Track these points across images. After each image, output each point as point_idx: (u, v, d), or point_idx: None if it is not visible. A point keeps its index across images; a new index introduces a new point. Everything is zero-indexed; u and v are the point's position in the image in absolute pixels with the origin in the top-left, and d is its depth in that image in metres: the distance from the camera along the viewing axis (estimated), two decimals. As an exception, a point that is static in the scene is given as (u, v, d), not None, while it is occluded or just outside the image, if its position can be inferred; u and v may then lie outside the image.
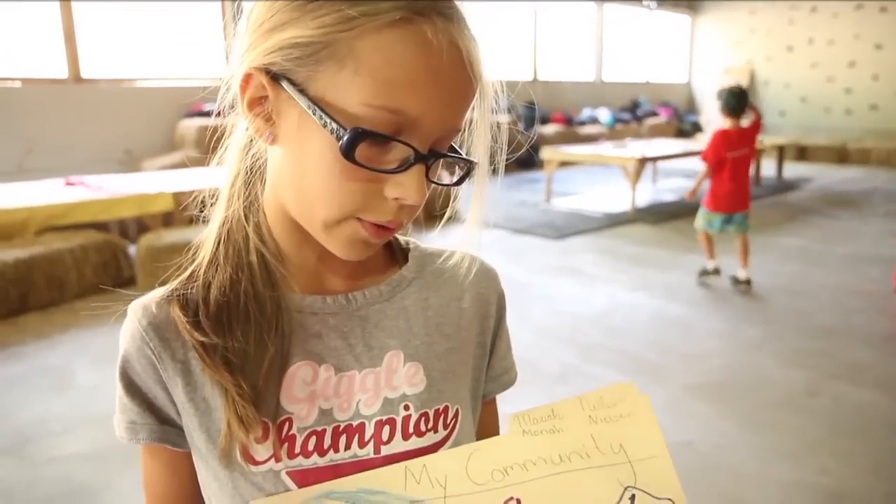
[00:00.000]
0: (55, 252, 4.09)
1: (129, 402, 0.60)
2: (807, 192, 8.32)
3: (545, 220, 6.43)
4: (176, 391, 0.59)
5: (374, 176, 0.52)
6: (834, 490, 2.27)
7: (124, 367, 0.60)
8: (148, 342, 0.59)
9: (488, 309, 0.70)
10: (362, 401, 0.61)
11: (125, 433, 0.61)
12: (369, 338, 0.62)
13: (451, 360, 0.66)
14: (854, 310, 4.01)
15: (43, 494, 2.29)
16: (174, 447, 0.61)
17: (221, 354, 0.57)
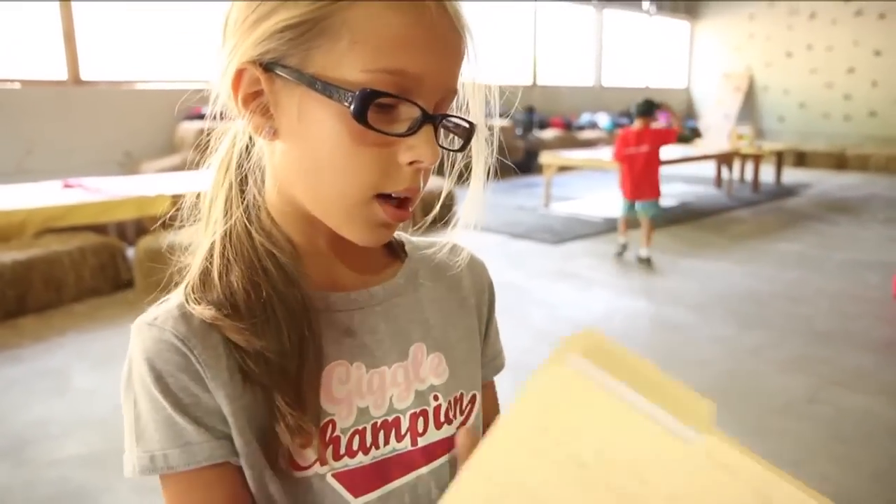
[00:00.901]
0: (53, 254, 4.07)
1: (182, 421, 0.53)
2: (805, 197, 8.33)
3: (544, 225, 6.43)
4: (223, 400, 0.55)
5: (386, 141, 0.52)
6: (834, 497, 2.23)
7: (163, 384, 0.53)
8: (191, 349, 0.54)
9: (482, 296, 0.73)
10: (395, 395, 0.61)
11: (179, 459, 0.53)
12: (394, 332, 0.63)
13: (464, 347, 0.68)
14: (853, 316, 4.01)
15: (41, 497, 2.27)
16: (235, 461, 0.56)
17: (262, 361, 0.54)
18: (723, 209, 7.42)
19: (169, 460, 0.54)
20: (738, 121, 12.81)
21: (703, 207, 7.50)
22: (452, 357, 0.66)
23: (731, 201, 7.86)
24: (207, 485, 0.55)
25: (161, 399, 0.53)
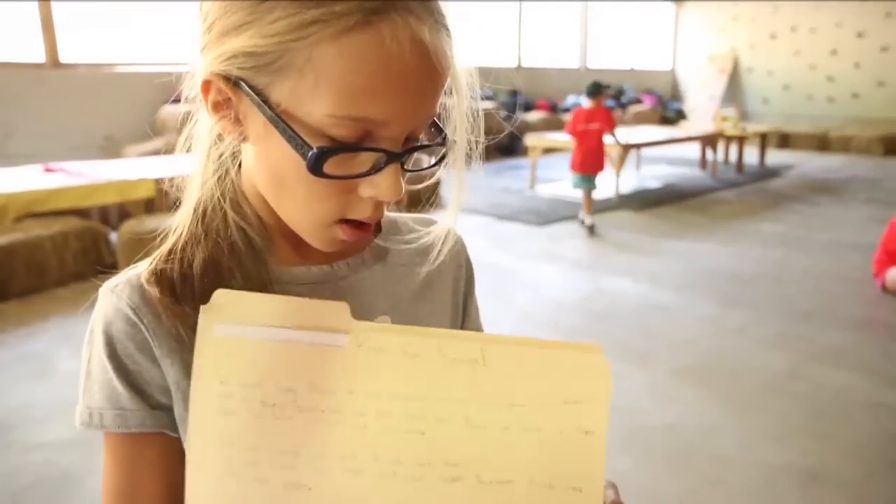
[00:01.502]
0: (35, 239, 4.03)
1: (120, 386, 0.56)
2: (789, 179, 8.40)
3: (529, 207, 6.44)
4: (170, 370, 0.57)
5: (348, 181, 0.52)
6: (815, 471, 2.30)
7: (112, 349, 0.56)
8: (141, 318, 0.56)
9: (459, 272, 0.72)
10: None
11: (112, 421, 0.56)
12: (359, 304, 0.61)
13: (433, 323, 0.67)
14: (835, 295, 4.07)
15: (26, 481, 2.26)
16: (168, 431, 0.58)
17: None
18: (707, 190, 7.46)
19: (104, 420, 0.57)
20: (723, 103, 12.86)
21: (687, 189, 7.54)
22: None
23: (715, 182, 7.91)
24: (137, 449, 0.58)
25: (107, 362, 0.56)
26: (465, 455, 0.53)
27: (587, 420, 0.55)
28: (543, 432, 0.54)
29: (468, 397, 0.53)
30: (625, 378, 2.98)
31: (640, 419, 2.62)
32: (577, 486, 0.55)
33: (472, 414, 0.53)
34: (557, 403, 0.54)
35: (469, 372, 0.53)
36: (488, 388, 0.54)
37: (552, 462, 0.54)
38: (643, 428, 2.55)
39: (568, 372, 0.55)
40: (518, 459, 0.54)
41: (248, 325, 0.52)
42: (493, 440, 0.53)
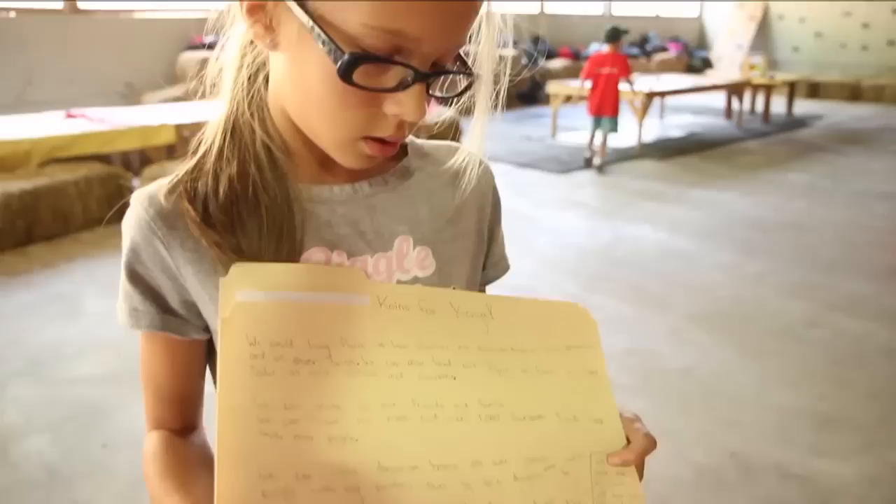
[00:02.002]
0: (59, 184, 4.08)
1: (132, 290, 0.61)
2: (817, 129, 8.20)
3: (551, 155, 6.38)
4: (189, 280, 0.59)
5: (374, 94, 0.52)
6: (829, 415, 2.32)
7: (130, 258, 0.60)
8: (156, 231, 0.58)
9: (485, 198, 0.72)
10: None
11: (127, 319, 0.62)
12: (378, 224, 0.63)
13: (456, 246, 0.68)
14: (858, 244, 4.02)
15: (61, 414, 2.35)
16: (175, 335, 0.62)
17: (233, 245, 0.57)
18: (731, 140, 7.32)
19: (122, 316, 0.63)
20: (751, 51, 12.48)
21: (711, 138, 7.41)
22: (442, 252, 0.66)
23: (740, 132, 7.75)
24: (153, 348, 0.64)
25: (125, 267, 0.61)
26: (496, 395, 0.56)
27: (589, 362, 0.61)
28: (556, 374, 0.60)
29: (485, 345, 0.57)
30: (643, 323, 3.00)
31: (657, 363, 2.64)
32: (598, 418, 0.60)
33: (493, 359, 0.57)
34: (561, 349, 0.60)
35: (481, 324, 0.58)
36: (500, 338, 0.58)
37: (570, 399, 0.59)
38: (660, 371, 2.58)
39: (562, 322, 0.62)
40: (542, 397, 0.58)
41: (269, 291, 0.52)
42: (516, 381, 0.57)
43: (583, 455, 0.58)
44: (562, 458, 0.57)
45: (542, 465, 0.56)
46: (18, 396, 2.47)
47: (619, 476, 0.59)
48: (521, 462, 0.55)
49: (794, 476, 2.02)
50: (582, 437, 0.59)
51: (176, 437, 0.65)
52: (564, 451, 0.58)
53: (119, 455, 2.15)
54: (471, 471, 0.53)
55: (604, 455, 0.59)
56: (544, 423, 0.57)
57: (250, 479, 0.47)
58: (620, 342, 2.78)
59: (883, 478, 2.01)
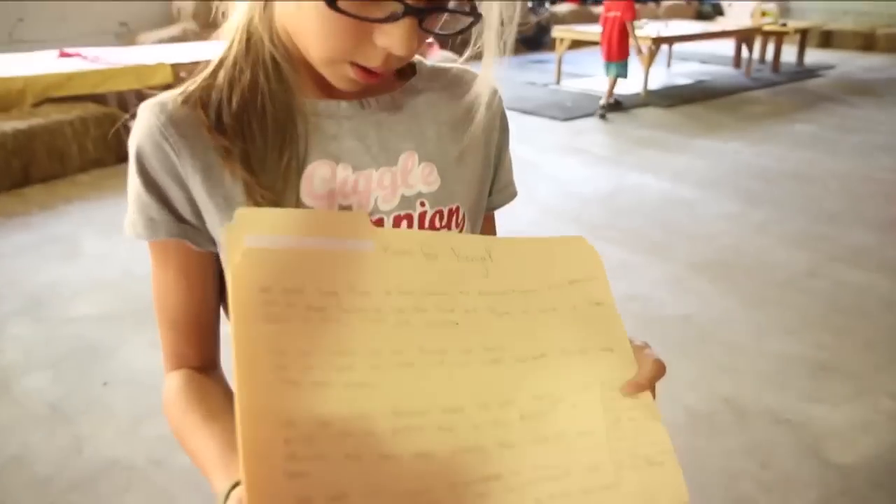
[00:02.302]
0: (55, 124, 4.03)
1: (148, 199, 0.59)
2: (827, 79, 8.05)
3: (554, 101, 6.28)
4: (196, 189, 0.59)
5: (363, 24, 0.52)
6: (827, 363, 2.33)
7: (141, 165, 0.59)
8: (167, 138, 0.58)
9: (493, 122, 0.71)
10: (380, 197, 0.62)
11: (143, 231, 0.60)
12: (384, 140, 0.63)
13: (462, 165, 0.67)
14: (862, 196, 3.98)
15: (60, 351, 2.37)
16: (192, 244, 0.61)
17: (241, 153, 0.58)
18: (739, 89, 7.19)
19: (137, 229, 0.61)
20: (763, -3, 12.15)
21: (718, 87, 7.28)
22: (447, 170, 0.66)
23: (748, 82, 7.61)
24: (168, 257, 0.63)
25: (137, 177, 0.59)
26: (498, 339, 0.57)
27: (594, 294, 0.62)
28: (559, 310, 0.60)
29: (486, 289, 0.58)
30: (643, 270, 2.99)
31: (657, 309, 2.64)
32: (608, 347, 0.61)
33: (494, 303, 0.58)
34: (563, 285, 0.61)
35: (480, 267, 0.58)
36: (500, 280, 0.59)
37: (576, 333, 0.60)
38: (659, 317, 2.58)
39: (563, 258, 0.63)
40: (545, 336, 0.59)
41: (277, 236, 0.52)
42: (518, 323, 0.58)
43: (592, 385, 0.58)
44: (570, 392, 0.58)
45: (549, 401, 0.57)
46: (18, 335, 2.48)
47: (632, 400, 0.59)
48: (528, 401, 0.56)
49: (786, 421, 2.04)
50: (591, 368, 0.59)
51: (197, 374, 0.65)
52: (572, 385, 0.58)
53: (119, 393, 2.17)
54: (478, 413, 0.54)
55: (615, 382, 0.59)
56: (548, 360, 0.58)
57: (272, 427, 0.47)
58: (621, 289, 2.75)
59: (874, 424, 2.03)
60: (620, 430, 0.58)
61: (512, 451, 0.54)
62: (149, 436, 1.99)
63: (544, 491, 0.54)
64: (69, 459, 1.90)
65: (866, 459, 1.88)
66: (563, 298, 0.60)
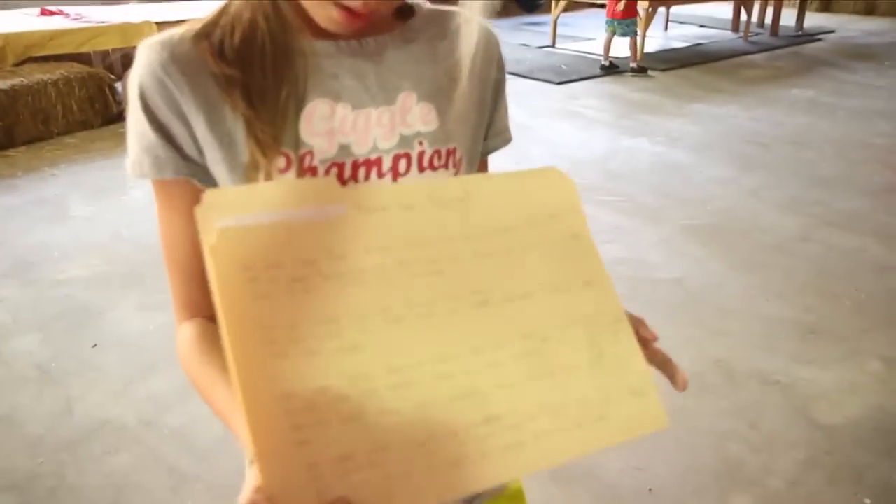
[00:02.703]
0: (38, 83, 3.95)
1: (154, 137, 0.59)
2: (826, 43, 7.96)
3: (549, 64, 6.20)
4: (198, 126, 0.59)
5: None
6: (815, 326, 2.34)
7: (144, 103, 0.59)
8: (169, 75, 0.58)
9: (490, 66, 0.71)
10: (379, 135, 0.63)
11: (150, 170, 0.60)
12: (383, 79, 0.64)
13: (460, 105, 0.68)
14: (857, 161, 3.96)
15: (49, 314, 2.36)
16: (199, 183, 0.61)
17: (242, 89, 0.58)
18: (737, 53, 7.11)
19: (143, 168, 0.60)
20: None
21: (715, 51, 7.19)
22: (445, 111, 0.66)
23: (746, 45, 7.52)
24: (172, 195, 0.62)
25: (142, 115, 0.59)
26: (484, 281, 0.58)
27: (572, 227, 0.63)
28: (541, 246, 0.61)
29: (467, 233, 0.58)
30: (636, 233, 2.98)
31: (648, 271, 2.64)
32: (587, 280, 0.62)
33: (477, 246, 0.59)
34: (543, 219, 0.62)
35: (459, 210, 0.59)
36: (480, 221, 0.59)
37: (558, 268, 0.61)
38: (649, 280, 2.58)
39: (538, 191, 0.63)
40: (530, 273, 0.60)
41: (248, 214, 0.52)
42: (502, 263, 0.59)
43: (576, 321, 0.60)
44: (556, 329, 0.59)
45: (537, 339, 0.58)
46: (6, 297, 2.46)
47: (614, 334, 0.61)
48: (518, 340, 0.57)
49: (776, 383, 2.05)
50: (573, 305, 0.61)
51: (211, 323, 0.64)
52: (558, 322, 0.59)
53: (109, 355, 2.16)
54: (472, 358, 0.55)
55: (597, 316, 0.61)
56: (535, 298, 0.59)
57: (271, 402, 0.48)
58: (612, 251, 2.77)
59: (861, 385, 2.05)
60: (605, 364, 0.59)
61: (509, 391, 0.56)
62: (139, 397, 1.99)
63: (542, 426, 0.55)
64: (60, 420, 1.90)
65: (852, 420, 1.91)
66: (543, 234, 0.62)
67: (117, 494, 1.66)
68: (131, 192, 3.25)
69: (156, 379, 2.05)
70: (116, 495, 1.66)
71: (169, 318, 0.67)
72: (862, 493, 1.67)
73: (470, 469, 0.52)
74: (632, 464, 1.75)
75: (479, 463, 0.53)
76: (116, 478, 1.71)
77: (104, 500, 1.65)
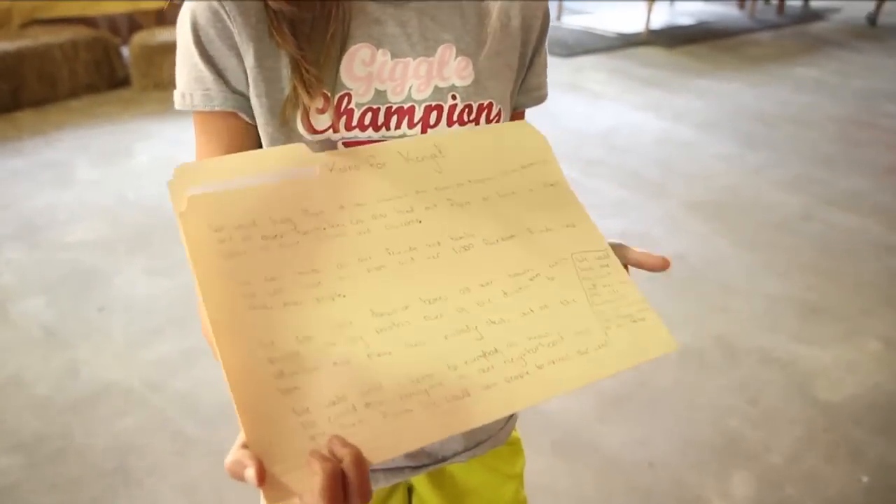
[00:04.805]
0: (44, 46, 3.92)
1: (205, 69, 0.60)
2: (833, 22, 7.88)
3: (555, 38, 6.14)
4: (248, 57, 0.60)
5: None
6: (815, 304, 2.37)
7: (197, 35, 0.60)
8: (223, 6, 0.59)
9: (533, 22, 0.71)
10: (414, 86, 0.64)
11: (201, 101, 0.61)
12: (425, 29, 0.64)
13: (499, 62, 0.68)
14: (860, 142, 3.96)
15: (56, 277, 2.37)
16: (246, 117, 0.63)
17: (290, 24, 0.59)
18: (742, 31, 7.04)
19: (193, 99, 0.62)
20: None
21: (721, 28, 7.12)
22: (482, 65, 0.66)
23: (752, 23, 7.44)
24: (218, 126, 0.63)
25: (193, 47, 0.60)
26: (464, 227, 0.58)
27: (547, 176, 0.65)
28: (517, 194, 0.62)
29: (442, 184, 0.59)
30: (639, 208, 2.99)
31: (650, 247, 2.59)
32: (570, 223, 0.63)
33: (452, 195, 0.59)
34: (516, 169, 0.63)
35: (433, 165, 0.60)
36: (454, 173, 0.60)
37: (537, 213, 0.62)
38: (652, 257, 2.59)
39: (510, 145, 0.65)
40: (509, 218, 0.61)
41: (220, 182, 0.52)
42: (480, 210, 0.60)
43: (564, 258, 0.61)
44: (544, 266, 0.60)
45: (526, 276, 0.59)
46: (12, 259, 2.48)
47: (603, 268, 0.62)
48: (506, 279, 0.58)
49: (776, 360, 2.08)
50: (559, 243, 0.62)
51: None
52: (545, 260, 0.60)
53: (115, 318, 2.18)
54: (461, 297, 0.56)
55: (584, 253, 0.62)
56: (518, 240, 0.60)
57: (253, 351, 0.48)
58: (615, 226, 2.78)
59: (860, 364, 2.08)
60: (599, 296, 0.60)
61: (503, 326, 0.56)
62: (145, 360, 2.01)
63: (544, 357, 0.55)
64: (66, 381, 1.92)
65: (851, 398, 1.94)
66: (519, 182, 0.63)
67: (123, 456, 1.69)
68: (138, 157, 3.25)
69: (161, 343, 2.07)
70: (122, 457, 1.69)
71: (174, 283, 0.68)
72: (859, 471, 1.70)
73: (473, 402, 0.51)
74: (633, 437, 1.79)
75: (483, 396, 0.52)
76: (122, 439, 1.74)
77: (110, 461, 1.68)
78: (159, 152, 3.27)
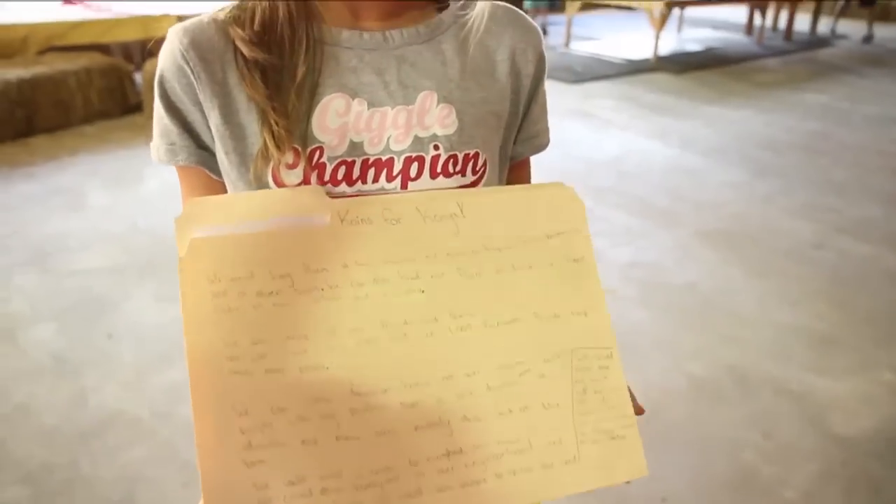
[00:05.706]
0: (59, 73, 3.97)
1: (170, 123, 0.61)
2: (840, 49, 7.91)
3: (563, 64, 6.19)
4: (212, 114, 0.59)
5: None
6: (827, 335, 2.34)
7: (163, 88, 0.60)
8: (188, 62, 0.58)
9: (525, 67, 0.67)
10: (393, 136, 0.60)
11: (164, 155, 0.62)
12: (404, 76, 0.61)
13: (485, 109, 0.64)
14: (871, 169, 3.95)
15: (66, 303, 2.38)
16: (210, 172, 0.62)
17: (261, 74, 0.58)
18: (750, 57, 7.08)
19: (159, 153, 0.62)
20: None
21: (729, 54, 7.16)
22: (466, 113, 0.62)
23: (760, 49, 7.48)
24: (192, 183, 0.64)
25: (160, 101, 0.61)
26: (467, 304, 0.55)
27: (574, 249, 0.58)
28: (535, 268, 0.57)
29: (455, 250, 0.55)
30: (649, 237, 2.98)
31: (661, 276, 2.64)
32: (582, 310, 0.58)
33: (464, 264, 0.55)
34: (541, 239, 0.58)
35: (451, 226, 0.56)
36: (472, 238, 0.56)
37: (551, 294, 0.57)
38: (663, 285, 2.58)
39: (542, 209, 0.59)
40: (518, 298, 0.56)
41: (227, 224, 0.51)
42: (489, 285, 0.56)
43: (563, 353, 0.57)
44: (539, 361, 0.56)
45: (516, 371, 0.55)
46: (23, 286, 2.48)
47: (601, 370, 0.58)
48: (494, 371, 0.55)
49: (789, 391, 2.05)
50: (562, 335, 0.57)
51: None
52: (542, 353, 0.56)
53: (124, 345, 2.18)
54: (443, 386, 0.53)
55: (586, 350, 0.58)
56: (520, 325, 0.56)
57: (227, 418, 0.48)
58: (625, 255, 2.77)
59: (875, 396, 2.05)
60: (585, 403, 0.57)
61: (476, 425, 0.54)
62: (154, 388, 2.00)
63: (505, 465, 0.53)
64: (75, 410, 1.91)
65: (867, 432, 1.90)
66: (540, 254, 0.58)
67: (131, 488, 1.67)
68: (148, 183, 3.27)
69: (171, 371, 2.06)
70: (130, 488, 1.67)
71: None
72: (877, 506, 1.67)
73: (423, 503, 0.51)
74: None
75: (434, 497, 0.51)
76: (130, 471, 1.72)
77: (117, 493, 1.66)
78: (169, 178, 3.25)
